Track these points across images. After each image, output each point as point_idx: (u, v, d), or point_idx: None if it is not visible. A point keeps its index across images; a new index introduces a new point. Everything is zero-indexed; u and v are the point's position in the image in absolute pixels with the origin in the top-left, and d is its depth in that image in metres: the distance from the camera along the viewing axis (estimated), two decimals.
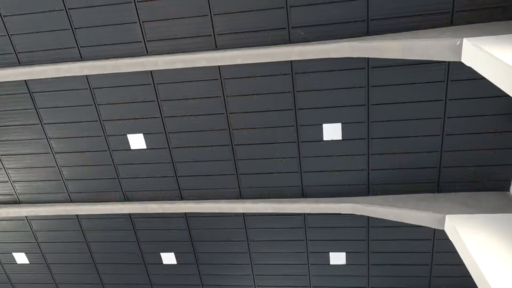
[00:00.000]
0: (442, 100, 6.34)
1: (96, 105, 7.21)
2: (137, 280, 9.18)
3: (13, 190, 8.37)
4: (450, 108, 6.37)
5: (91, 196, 8.22)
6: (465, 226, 6.23)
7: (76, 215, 8.44)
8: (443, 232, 7.20)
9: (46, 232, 8.81)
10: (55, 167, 7.96)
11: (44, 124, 7.52)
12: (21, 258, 9.20)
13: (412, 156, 6.91)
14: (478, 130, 6.47)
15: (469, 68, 5.90)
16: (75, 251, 8.97)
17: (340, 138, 6.97)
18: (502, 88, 4.16)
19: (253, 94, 6.77)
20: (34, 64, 6.89)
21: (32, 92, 7.23)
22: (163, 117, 7.17)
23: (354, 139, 6.93)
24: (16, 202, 8.48)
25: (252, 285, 8.81)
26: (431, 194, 7.07)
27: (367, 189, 7.39)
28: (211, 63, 6.48)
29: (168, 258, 8.69)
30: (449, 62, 6.03)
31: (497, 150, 6.57)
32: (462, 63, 5.98)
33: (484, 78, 6.03)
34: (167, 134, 7.32)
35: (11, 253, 9.18)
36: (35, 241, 8.92)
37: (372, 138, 6.86)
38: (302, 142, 7.08)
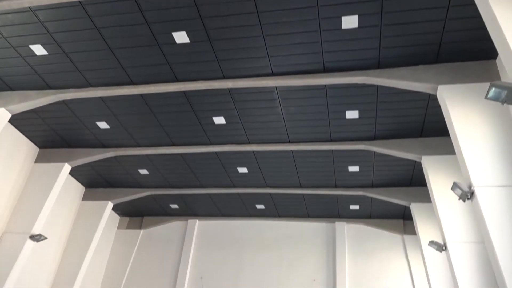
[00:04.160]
0: None
1: None
2: (154, 61, 9.50)
3: None
4: None
5: None
6: None
7: (79, 1, 8.16)
8: None
9: (54, 22, 8.73)
10: None
11: None
12: (39, 49, 9.40)
13: None
14: None
15: None
16: (88, 39, 9.04)
17: None
18: None
19: None
20: None
21: None
22: None
23: None
24: None
25: (265, 56, 9.06)
26: None
27: None
28: None
29: (181, 37, 8.74)
30: None
31: None
32: None
33: None
34: None
35: (27, 45, 9.34)
36: (46, 32, 8.93)
37: None
38: None
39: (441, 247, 9.46)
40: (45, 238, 11.94)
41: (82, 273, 14.12)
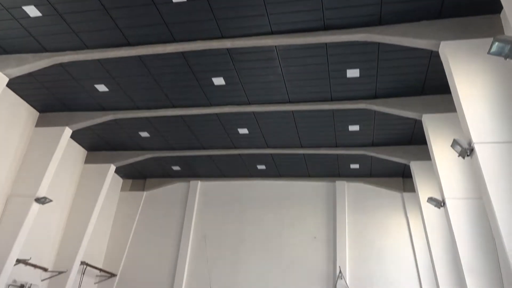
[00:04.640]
0: None
1: None
2: (151, 21, 9.28)
3: None
4: None
5: None
6: None
7: None
8: None
9: None
10: None
11: None
12: (32, 11, 9.16)
13: None
14: None
15: None
16: None
17: None
18: None
19: None
20: None
21: None
22: None
23: None
24: None
25: (264, 14, 8.83)
26: None
27: None
28: None
29: None
30: None
31: None
32: None
33: None
34: None
35: (20, 7, 9.10)
36: None
37: None
38: None
39: (440, 203, 9.62)
40: (50, 200, 12.13)
41: (88, 235, 14.45)
